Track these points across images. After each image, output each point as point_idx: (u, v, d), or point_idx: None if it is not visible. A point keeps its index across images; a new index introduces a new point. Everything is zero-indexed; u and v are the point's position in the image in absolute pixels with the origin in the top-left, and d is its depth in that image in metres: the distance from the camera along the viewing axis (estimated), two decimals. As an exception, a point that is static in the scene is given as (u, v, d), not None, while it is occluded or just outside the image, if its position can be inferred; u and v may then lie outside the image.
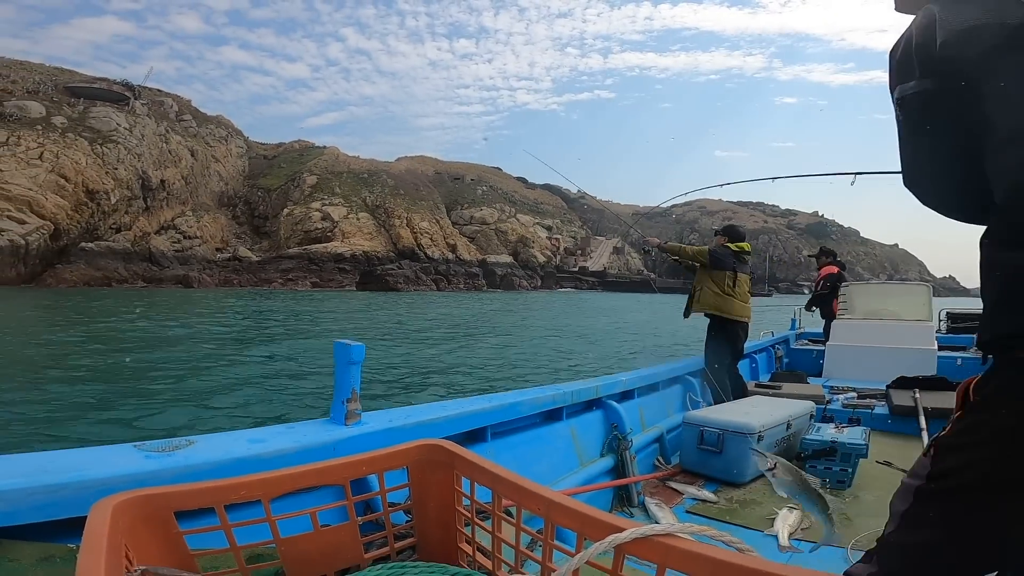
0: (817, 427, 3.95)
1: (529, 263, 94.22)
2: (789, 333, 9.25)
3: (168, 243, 63.36)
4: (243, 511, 1.13)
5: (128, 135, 63.04)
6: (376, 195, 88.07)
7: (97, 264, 52.18)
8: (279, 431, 1.68)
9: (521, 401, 2.66)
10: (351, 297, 47.02)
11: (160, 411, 8.46)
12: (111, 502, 0.95)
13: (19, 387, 9.88)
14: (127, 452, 1.36)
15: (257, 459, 1.45)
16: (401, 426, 1.90)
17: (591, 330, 25.30)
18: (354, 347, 1.73)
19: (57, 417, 8.31)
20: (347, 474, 1.23)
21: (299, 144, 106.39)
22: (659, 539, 0.88)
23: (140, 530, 1.00)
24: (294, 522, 1.16)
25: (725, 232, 5.61)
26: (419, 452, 1.33)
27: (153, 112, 71.76)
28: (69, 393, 9.45)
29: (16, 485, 1.11)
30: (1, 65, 65.43)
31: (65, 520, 1.15)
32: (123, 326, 19.91)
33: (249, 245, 75.11)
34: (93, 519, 0.89)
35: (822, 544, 2.59)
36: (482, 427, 2.41)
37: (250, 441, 1.53)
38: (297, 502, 1.23)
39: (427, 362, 14.20)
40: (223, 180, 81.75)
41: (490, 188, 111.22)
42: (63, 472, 1.18)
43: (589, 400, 3.36)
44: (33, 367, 11.76)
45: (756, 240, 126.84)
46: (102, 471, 1.22)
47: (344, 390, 1.77)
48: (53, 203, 50.74)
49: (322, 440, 1.64)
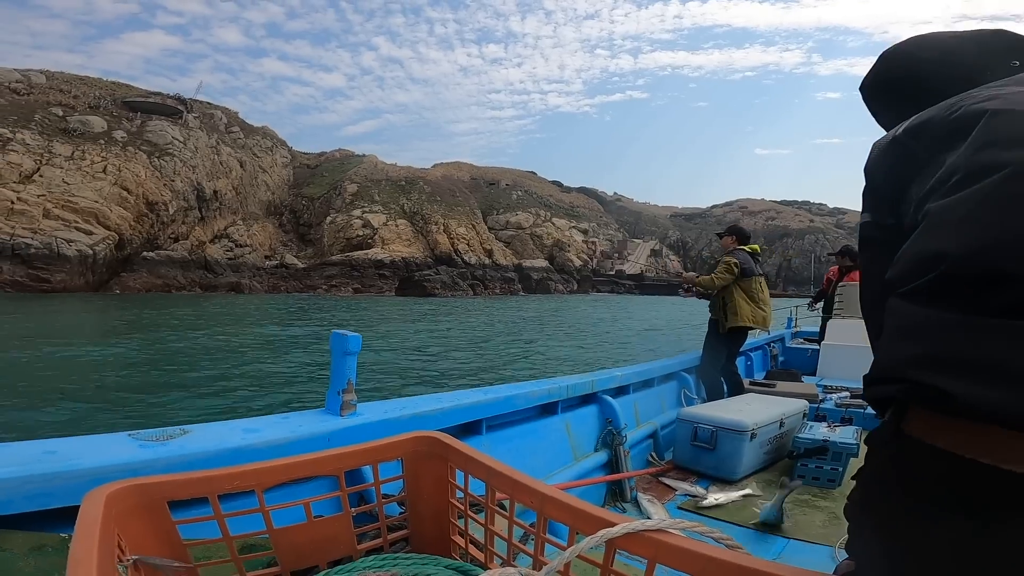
0: (810, 426, 3.93)
1: (565, 267, 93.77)
2: (785, 332, 9.25)
3: (222, 251, 64.41)
4: (237, 501, 1.13)
5: (183, 148, 64.27)
6: (414, 202, 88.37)
7: (158, 272, 53.59)
8: (274, 421, 1.67)
9: (516, 395, 2.65)
10: (388, 302, 47.36)
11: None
12: (104, 491, 0.94)
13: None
14: (121, 441, 1.35)
15: (251, 449, 1.44)
16: (396, 418, 1.89)
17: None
18: (351, 337, 1.72)
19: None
20: (341, 465, 1.23)
21: (340, 153, 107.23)
22: (650, 535, 0.87)
23: (133, 520, 0.99)
24: (288, 512, 1.16)
25: (734, 233, 5.33)
26: (414, 444, 1.32)
27: (204, 125, 72.70)
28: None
29: (9, 475, 1.11)
30: (63, 80, 66.77)
31: (58, 509, 1.15)
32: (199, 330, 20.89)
33: (295, 252, 75.88)
34: (86, 509, 0.89)
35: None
36: (477, 420, 2.40)
37: (244, 431, 1.52)
38: (291, 492, 1.23)
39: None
40: (270, 189, 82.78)
41: (525, 193, 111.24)
42: (56, 461, 1.17)
43: (584, 395, 3.35)
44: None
45: (802, 240, 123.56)
46: (95, 460, 1.21)
47: (340, 380, 1.75)
48: (117, 215, 52.18)
49: (317, 431, 1.63)
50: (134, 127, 63.26)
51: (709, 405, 4.22)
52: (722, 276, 4.94)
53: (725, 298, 4.99)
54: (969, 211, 0.74)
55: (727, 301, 4.98)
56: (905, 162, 0.94)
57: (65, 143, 54.67)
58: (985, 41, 1.06)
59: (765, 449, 3.73)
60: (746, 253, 5.09)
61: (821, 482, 3.47)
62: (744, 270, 4.94)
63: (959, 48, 1.06)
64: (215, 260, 60.71)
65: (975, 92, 0.91)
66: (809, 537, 2.73)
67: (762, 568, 0.77)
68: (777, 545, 2.66)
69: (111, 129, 60.28)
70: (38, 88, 62.91)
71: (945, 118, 0.89)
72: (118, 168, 54.98)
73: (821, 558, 2.50)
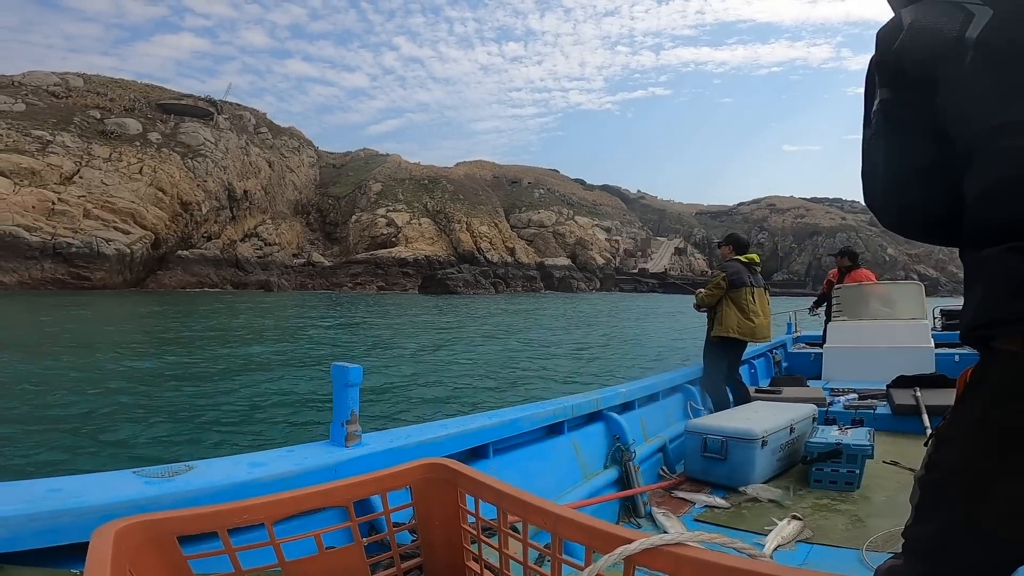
0: (821, 430, 3.85)
1: (587, 265, 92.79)
2: (786, 337, 9.09)
3: (252, 250, 65.74)
4: (247, 535, 1.10)
5: (214, 149, 65.60)
6: (437, 200, 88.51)
7: (192, 270, 55.08)
8: (279, 454, 1.65)
9: (521, 417, 2.62)
10: (411, 301, 47.63)
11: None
12: (113, 527, 0.92)
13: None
14: (126, 478, 1.34)
15: (258, 483, 1.43)
16: (402, 446, 1.87)
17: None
18: (352, 369, 1.69)
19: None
20: (350, 495, 1.19)
21: (364, 152, 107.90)
22: (669, 549, 0.84)
23: (143, 555, 0.97)
24: (298, 545, 1.13)
25: (731, 243, 5.33)
26: (422, 471, 1.29)
27: (234, 126, 74.00)
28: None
29: (16, 511, 1.10)
30: (100, 83, 68.59)
31: (67, 546, 1.14)
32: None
33: (321, 251, 77.09)
34: (96, 544, 0.87)
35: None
36: (484, 444, 2.37)
37: (250, 465, 1.51)
38: (301, 524, 1.20)
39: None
40: (297, 189, 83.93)
41: (548, 191, 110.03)
42: (62, 499, 1.16)
43: (590, 413, 3.30)
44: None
45: (833, 239, 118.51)
46: (102, 497, 1.20)
47: (343, 412, 1.73)
48: (153, 215, 53.63)
49: (323, 462, 1.61)
50: (168, 129, 64.49)
51: (717, 415, 4.15)
52: (711, 292, 5.09)
53: (715, 308, 5.07)
54: None
55: (716, 311, 5.05)
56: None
57: (103, 145, 55.99)
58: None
59: (777, 456, 3.66)
60: (740, 264, 5.12)
61: (839, 485, 3.39)
62: (733, 282, 4.99)
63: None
64: (245, 258, 61.91)
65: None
66: (833, 541, 2.65)
67: (788, 575, 0.74)
68: (801, 552, 2.58)
69: (146, 131, 61.55)
70: (76, 91, 64.34)
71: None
72: (153, 169, 56.22)
73: (849, 561, 2.43)
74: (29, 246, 43.69)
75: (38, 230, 45.05)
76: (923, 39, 0.98)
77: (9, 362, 12.12)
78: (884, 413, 4.92)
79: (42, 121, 54.51)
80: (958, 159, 0.94)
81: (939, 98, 0.96)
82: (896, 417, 4.80)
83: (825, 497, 3.28)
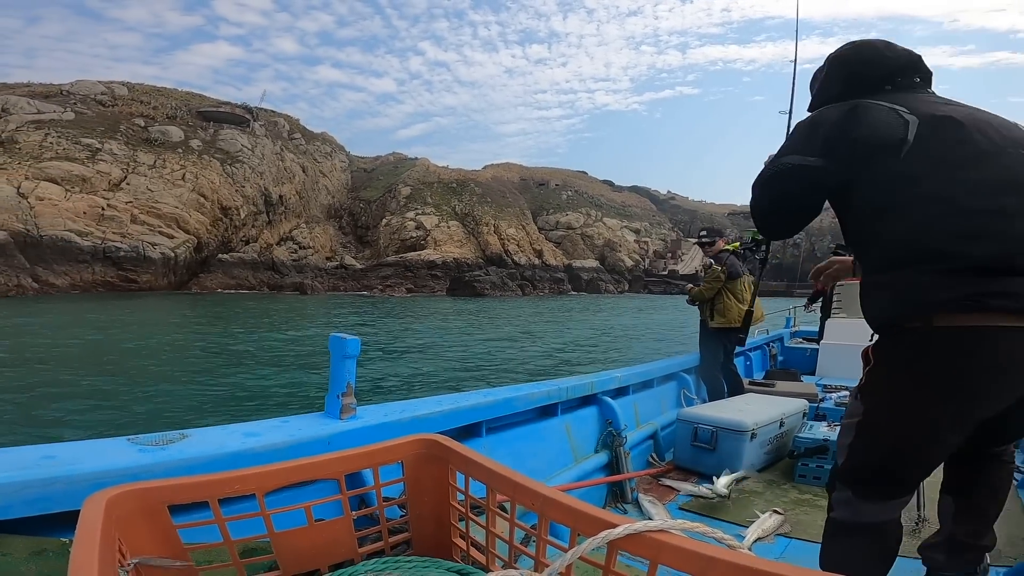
0: (810, 425, 3.79)
1: (616, 267, 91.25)
2: (784, 331, 9.00)
3: (287, 253, 66.20)
4: (237, 505, 1.08)
5: (251, 155, 66.12)
6: (465, 203, 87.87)
7: (231, 273, 55.87)
8: (273, 425, 1.61)
9: (516, 397, 2.57)
10: (439, 303, 47.65)
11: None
12: (104, 496, 0.91)
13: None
14: (120, 446, 1.31)
15: (251, 453, 1.40)
16: (396, 421, 1.83)
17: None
18: (349, 341, 1.66)
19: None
20: (341, 468, 1.17)
21: (393, 157, 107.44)
22: (652, 535, 0.83)
23: (133, 524, 0.96)
24: (288, 516, 1.11)
25: (718, 234, 5.39)
26: (414, 447, 1.27)
27: (269, 132, 74.44)
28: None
29: (8, 479, 1.07)
30: (143, 92, 69.66)
31: (58, 514, 1.11)
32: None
33: (353, 254, 76.96)
34: (86, 513, 0.85)
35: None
36: (477, 422, 2.33)
37: (244, 435, 1.48)
38: (291, 496, 1.18)
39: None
40: (330, 193, 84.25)
41: (575, 193, 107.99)
42: (55, 466, 1.14)
43: (584, 396, 3.25)
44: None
45: None
46: (95, 465, 1.17)
47: (339, 384, 1.70)
48: (195, 219, 54.55)
49: (316, 434, 1.58)
50: (208, 136, 65.43)
51: (709, 405, 4.08)
52: (710, 286, 5.08)
53: (713, 299, 5.07)
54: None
55: (715, 303, 5.04)
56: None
57: (148, 152, 57.08)
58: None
59: (766, 449, 3.59)
60: (729, 251, 5.16)
61: (822, 481, 3.31)
62: (731, 274, 5.01)
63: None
64: (281, 261, 62.49)
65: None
66: (812, 537, 2.59)
67: (765, 568, 0.72)
68: (779, 545, 2.54)
69: (188, 138, 62.60)
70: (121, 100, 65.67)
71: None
72: (195, 175, 57.23)
73: None
74: (81, 250, 44.81)
75: (89, 235, 46.20)
76: (878, 135, 1.43)
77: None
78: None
79: (90, 129, 55.83)
80: (863, 208, 1.50)
81: (867, 172, 1.46)
82: None
83: (808, 492, 3.23)
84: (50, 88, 62.79)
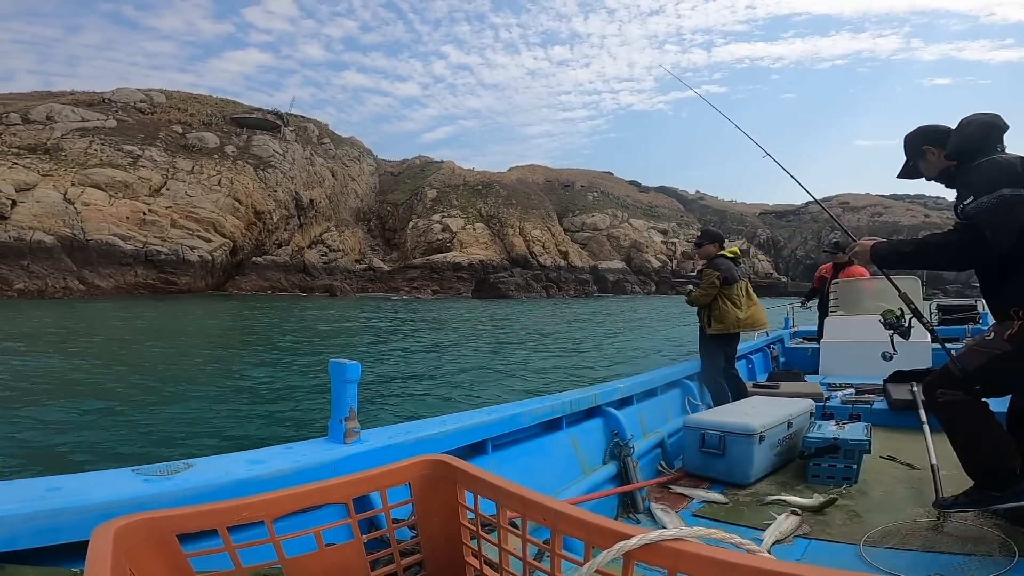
0: (818, 425, 3.69)
1: (643, 268, 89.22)
2: (783, 332, 8.79)
3: (317, 256, 66.83)
4: (246, 532, 1.06)
5: (282, 160, 66.79)
6: (490, 205, 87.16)
7: (265, 275, 56.67)
8: (278, 451, 1.59)
9: (520, 412, 2.52)
10: (464, 306, 47.04)
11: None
12: (113, 526, 0.89)
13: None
14: (125, 476, 1.29)
15: (257, 480, 1.37)
16: (401, 442, 1.80)
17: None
18: (349, 366, 1.63)
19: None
20: (349, 492, 1.14)
21: (420, 160, 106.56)
22: (668, 544, 0.81)
23: (143, 553, 0.93)
24: (298, 542, 1.08)
25: (714, 240, 5.20)
26: (421, 468, 1.23)
27: (299, 137, 74.87)
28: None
29: (14, 511, 1.06)
30: (180, 99, 70.81)
31: (67, 544, 1.10)
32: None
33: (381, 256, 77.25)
34: (95, 543, 0.84)
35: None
36: (482, 440, 2.28)
37: (249, 462, 1.45)
38: (300, 522, 1.15)
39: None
40: (358, 197, 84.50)
41: (601, 194, 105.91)
42: (61, 497, 1.12)
43: (588, 408, 3.18)
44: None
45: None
46: (102, 495, 1.16)
47: (342, 409, 1.67)
48: (231, 224, 55.62)
49: (322, 459, 1.55)
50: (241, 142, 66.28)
51: (715, 411, 3.97)
52: (705, 292, 4.96)
53: (710, 306, 4.94)
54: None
55: (713, 308, 4.91)
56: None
57: (186, 158, 58.19)
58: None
59: (775, 451, 3.49)
60: (727, 259, 5.01)
61: (836, 480, 3.23)
62: (726, 279, 4.87)
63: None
64: (312, 264, 63.02)
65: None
66: (831, 537, 2.51)
67: (786, 570, 0.70)
68: (799, 547, 2.46)
69: (223, 144, 63.60)
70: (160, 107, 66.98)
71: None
72: (230, 181, 58.20)
73: (847, 556, 2.30)
74: (124, 254, 46.14)
75: (131, 239, 47.48)
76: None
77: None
78: (881, 408, 4.73)
79: (131, 136, 57.15)
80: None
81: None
82: (893, 412, 4.63)
83: (823, 493, 3.14)
84: (93, 96, 64.46)
